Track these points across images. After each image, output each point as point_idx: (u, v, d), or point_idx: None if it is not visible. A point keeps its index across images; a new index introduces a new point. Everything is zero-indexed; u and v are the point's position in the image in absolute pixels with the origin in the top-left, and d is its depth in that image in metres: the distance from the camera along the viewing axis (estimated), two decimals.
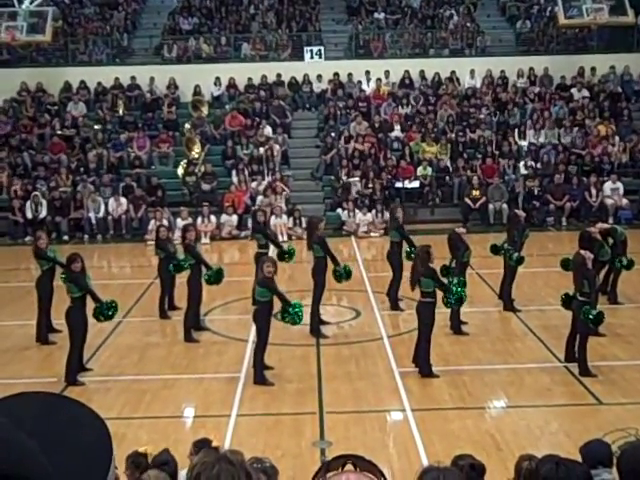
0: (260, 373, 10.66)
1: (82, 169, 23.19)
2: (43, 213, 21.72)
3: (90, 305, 10.81)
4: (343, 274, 12.85)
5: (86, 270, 11.01)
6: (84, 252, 20.67)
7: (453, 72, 26.35)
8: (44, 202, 21.83)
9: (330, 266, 12.80)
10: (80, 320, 10.69)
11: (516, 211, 15.41)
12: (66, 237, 21.47)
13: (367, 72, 26.22)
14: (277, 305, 10.72)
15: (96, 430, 1.34)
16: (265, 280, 10.44)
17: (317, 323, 12.74)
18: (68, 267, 10.89)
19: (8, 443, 1.18)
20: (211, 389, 10.68)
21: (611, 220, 22.15)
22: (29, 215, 21.71)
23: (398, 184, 22.81)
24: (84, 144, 24.04)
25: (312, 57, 26.71)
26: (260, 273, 10.63)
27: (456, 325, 12.56)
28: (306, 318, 11.58)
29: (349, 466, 2.05)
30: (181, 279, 13.45)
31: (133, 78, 26.23)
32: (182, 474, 5.08)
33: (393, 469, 7.92)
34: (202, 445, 5.47)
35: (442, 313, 11.72)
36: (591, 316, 10.33)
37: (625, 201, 22.17)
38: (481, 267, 16.11)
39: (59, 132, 24.49)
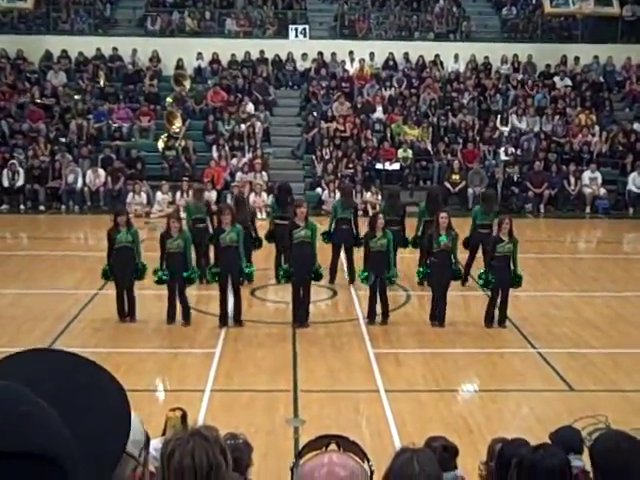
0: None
1: (61, 139, 22.96)
2: (20, 182, 21.51)
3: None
4: None
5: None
6: (61, 222, 20.50)
7: (437, 56, 26.31)
8: (21, 171, 21.62)
9: None
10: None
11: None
12: (42, 207, 21.31)
13: (351, 52, 26.12)
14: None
15: (115, 393, 1.23)
16: None
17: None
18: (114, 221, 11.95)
19: (29, 418, 1.04)
20: (186, 364, 10.69)
21: (588, 209, 22.36)
22: (5, 183, 21.49)
23: (378, 165, 22.83)
24: (63, 114, 23.78)
25: (297, 35, 26.55)
26: None
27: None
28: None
29: (333, 446, 2.06)
30: None
31: (115, 49, 25.94)
32: (154, 443, 5.10)
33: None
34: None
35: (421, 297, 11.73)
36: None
37: (603, 191, 22.34)
38: (460, 251, 16.14)
39: (38, 101, 24.22)
